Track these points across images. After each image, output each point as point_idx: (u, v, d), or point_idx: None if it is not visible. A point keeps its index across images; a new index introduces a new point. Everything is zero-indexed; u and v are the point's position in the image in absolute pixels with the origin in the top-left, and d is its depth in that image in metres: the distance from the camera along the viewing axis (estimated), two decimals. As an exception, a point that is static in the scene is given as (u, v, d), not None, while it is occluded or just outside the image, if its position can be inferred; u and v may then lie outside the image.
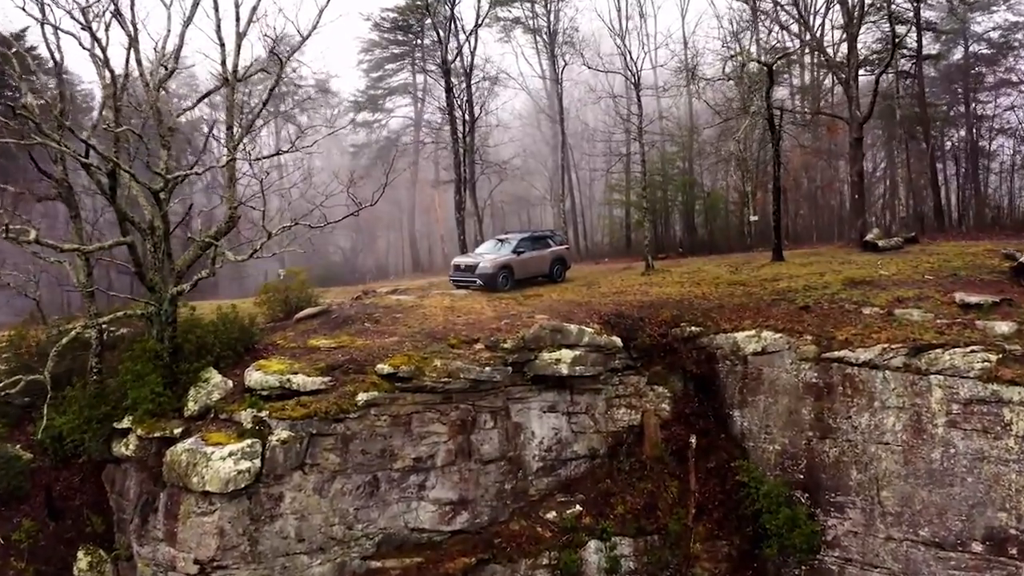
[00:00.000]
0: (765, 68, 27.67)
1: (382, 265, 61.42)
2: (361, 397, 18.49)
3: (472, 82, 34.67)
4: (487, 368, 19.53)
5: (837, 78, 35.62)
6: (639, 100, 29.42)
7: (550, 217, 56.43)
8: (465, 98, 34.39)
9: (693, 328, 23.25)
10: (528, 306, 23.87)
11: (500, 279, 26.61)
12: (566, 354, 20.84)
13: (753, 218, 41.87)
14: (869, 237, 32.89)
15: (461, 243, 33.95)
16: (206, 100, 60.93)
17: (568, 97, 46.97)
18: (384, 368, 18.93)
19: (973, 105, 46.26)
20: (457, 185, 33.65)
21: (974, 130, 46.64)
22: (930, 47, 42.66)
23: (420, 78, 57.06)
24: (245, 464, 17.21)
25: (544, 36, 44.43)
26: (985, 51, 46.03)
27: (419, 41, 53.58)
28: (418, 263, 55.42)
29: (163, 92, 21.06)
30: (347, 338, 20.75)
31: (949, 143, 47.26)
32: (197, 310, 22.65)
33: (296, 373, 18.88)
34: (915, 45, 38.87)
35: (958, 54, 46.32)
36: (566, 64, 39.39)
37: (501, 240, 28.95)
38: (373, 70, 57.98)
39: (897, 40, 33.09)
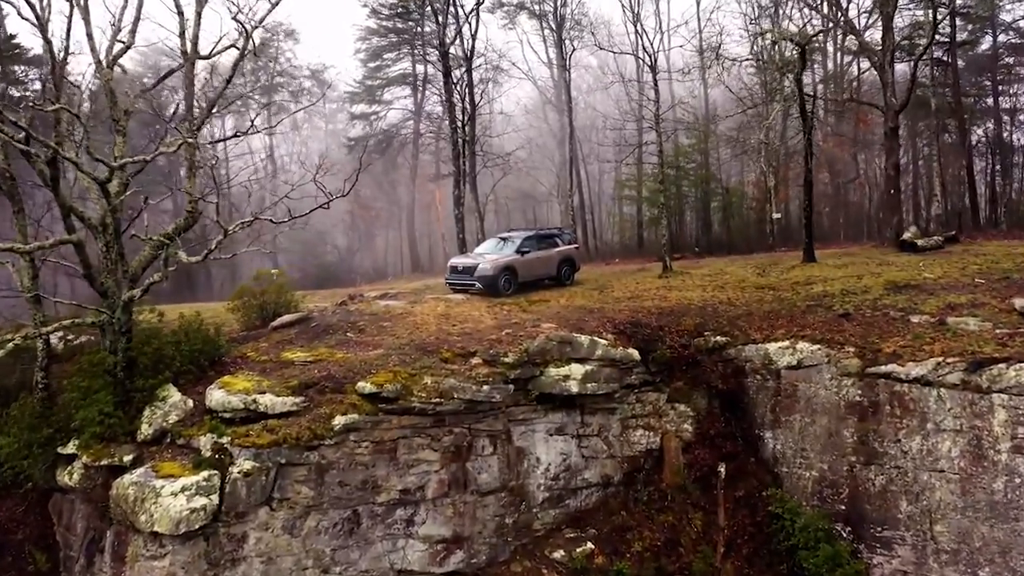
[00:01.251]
0: (797, 48, 25.18)
1: (380, 265, 59.17)
2: (339, 421, 16.16)
3: (473, 67, 32.19)
4: (485, 386, 17.17)
5: (870, 63, 33.11)
6: (656, 84, 27.00)
7: (557, 214, 54.10)
8: (465, 83, 31.90)
9: (718, 338, 21.09)
10: (533, 313, 21.52)
11: (501, 282, 24.26)
12: (576, 369, 18.48)
13: (776, 216, 39.48)
14: (906, 236, 30.54)
15: (460, 242, 31.60)
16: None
17: (576, 88, 44.70)
18: (366, 387, 16.59)
19: (1001, 97, 44.15)
20: (456, 179, 31.29)
21: (1003, 123, 44.41)
22: (959, 34, 40.32)
23: (420, 68, 54.80)
24: (200, 501, 14.88)
25: (551, 21, 42.01)
26: (1016, 40, 43.72)
27: (419, 29, 51.25)
28: (417, 263, 53.11)
29: (119, 71, 18.73)
30: (325, 350, 18.43)
31: (975, 137, 44.93)
32: (171, 315, 20.57)
33: (264, 392, 16.56)
34: (948, 31, 36.62)
35: (986, 44, 44.07)
36: (574, 49, 36.99)
37: (503, 239, 26.60)
38: (371, 60, 55.73)
39: (937, 21, 30.60)
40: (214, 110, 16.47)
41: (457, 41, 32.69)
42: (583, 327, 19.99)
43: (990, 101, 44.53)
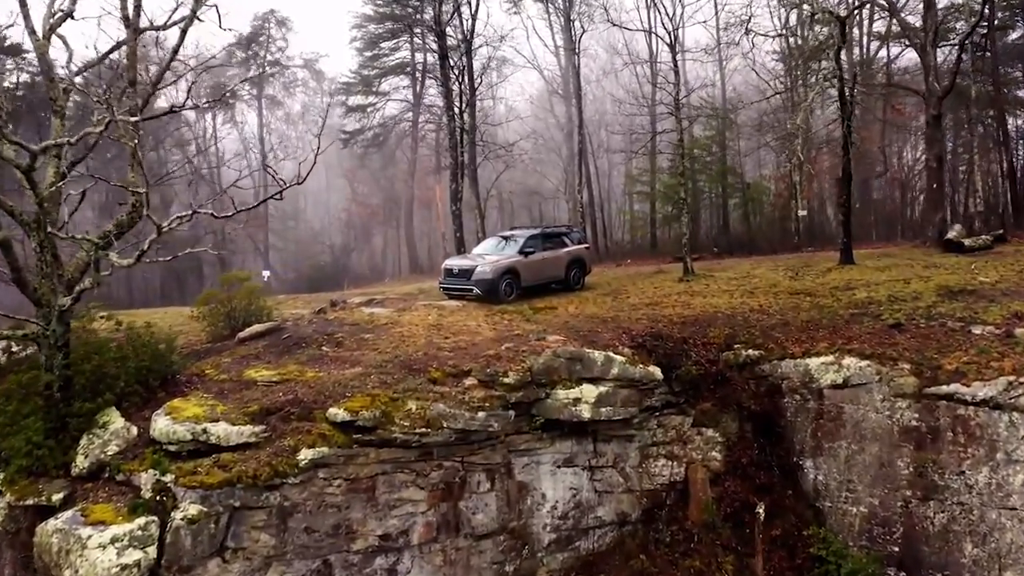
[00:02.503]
0: (836, 23, 22.60)
1: (376, 266, 56.79)
2: (305, 455, 13.70)
3: (472, 48, 29.60)
4: (481, 413, 14.67)
5: (911, 44, 30.52)
6: (676, 65, 24.44)
7: (564, 212, 51.65)
8: (463, 67, 29.30)
9: (751, 352, 18.73)
10: (538, 323, 19.04)
11: (502, 287, 21.81)
12: (588, 391, 15.97)
13: (801, 213, 36.96)
14: (951, 235, 28.07)
15: (457, 241, 29.14)
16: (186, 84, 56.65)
17: (584, 79, 42.00)
18: (338, 414, 14.12)
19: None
20: (453, 171, 28.77)
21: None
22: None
23: (419, 57, 52.42)
24: (133, 556, 12.45)
25: (558, 2, 39.48)
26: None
27: (418, 15, 48.82)
28: (416, 264, 50.70)
29: (59, 44, 16.29)
30: (295, 368, 15.97)
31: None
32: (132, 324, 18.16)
33: (217, 420, 14.09)
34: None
35: (1019, 31, 41.43)
36: (584, 31, 34.42)
37: (505, 238, 24.13)
38: (367, 48, 53.32)
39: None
40: (160, 85, 14.01)
41: (455, 21, 30.14)
42: (596, 340, 17.50)
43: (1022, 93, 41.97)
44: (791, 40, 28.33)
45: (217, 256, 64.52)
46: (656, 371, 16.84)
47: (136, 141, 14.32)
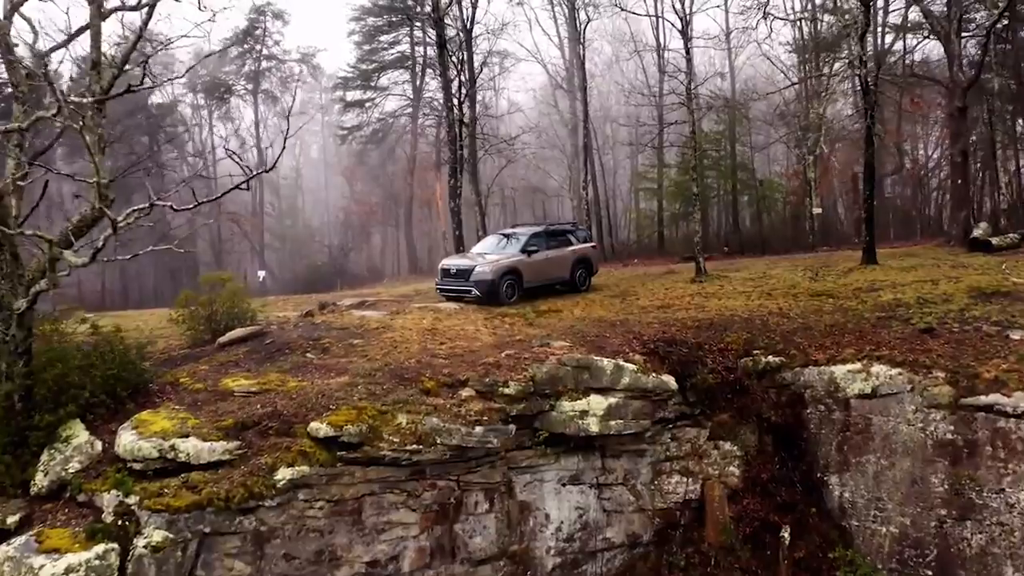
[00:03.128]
0: (860, 5, 21.28)
1: (375, 267, 55.56)
2: (283, 474, 12.47)
3: (472, 36, 28.29)
4: (478, 428, 13.41)
5: (933, 33, 29.19)
6: (688, 51, 23.15)
7: (568, 210, 50.43)
8: (463, 55, 27.95)
9: (771, 358, 17.54)
10: (541, 327, 17.80)
11: (503, 289, 20.57)
12: (597, 403, 14.71)
13: (816, 211, 35.67)
14: (977, 233, 26.80)
15: (456, 239, 27.88)
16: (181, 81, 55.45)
17: (588, 74, 40.57)
18: (321, 428, 12.88)
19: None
20: (452, 165, 27.51)
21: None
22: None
23: (419, 51, 51.16)
24: (89, 589, 11.22)
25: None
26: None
27: (418, 7, 47.60)
28: (415, 264, 49.46)
29: (24, 25, 15.10)
30: (276, 376, 14.74)
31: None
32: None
33: (187, 435, 12.86)
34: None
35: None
36: (589, 20, 33.15)
37: (506, 236, 22.87)
38: (365, 41, 52.10)
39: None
40: (126, 67, 12.78)
41: (454, 10, 28.83)
42: (604, 346, 16.24)
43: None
44: (808, 26, 27.14)
45: (213, 255, 64.04)
46: (670, 380, 15.57)
47: (100, 129, 13.10)
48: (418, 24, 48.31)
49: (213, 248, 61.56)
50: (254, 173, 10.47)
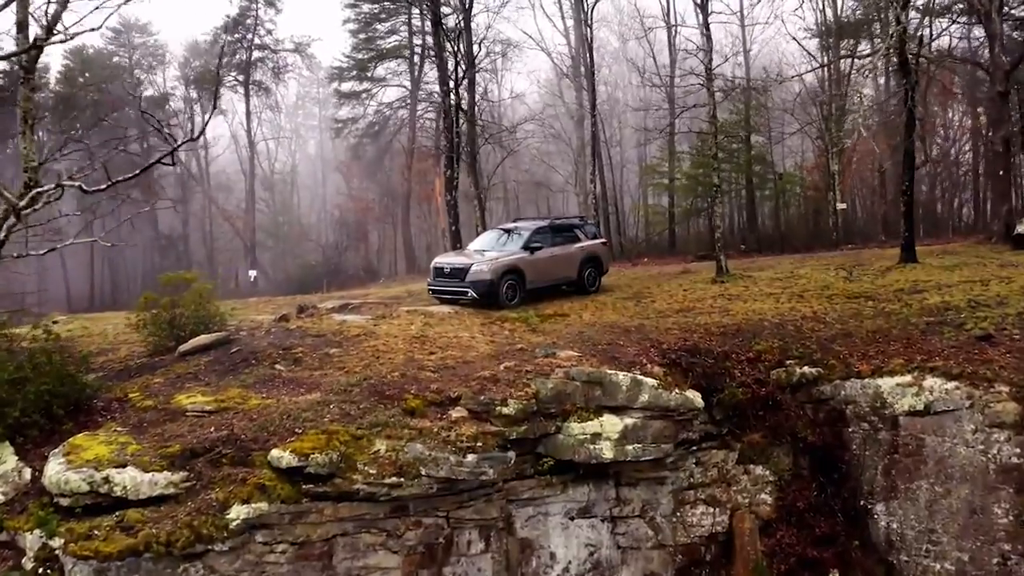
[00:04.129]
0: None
1: (371, 266, 53.62)
2: (237, 512, 10.53)
3: (471, 14, 26.27)
4: (471, 456, 11.41)
5: (974, 12, 27.15)
6: (707, 27, 21.11)
7: (574, 206, 48.48)
8: (461, 29, 25.80)
9: (807, 369, 15.65)
10: (545, 334, 15.84)
11: (503, 290, 18.63)
12: (611, 424, 12.72)
13: (840, 206, 33.69)
14: (1021, 229, 24.75)
15: (453, 235, 25.94)
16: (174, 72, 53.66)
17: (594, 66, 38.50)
18: (283, 457, 10.93)
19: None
20: (449, 155, 25.49)
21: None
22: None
23: (417, 40, 49.18)
24: (-7, 657, 9.30)
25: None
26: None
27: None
28: (413, 264, 47.46)
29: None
30: (237, 392, 12.80)
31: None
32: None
33: (125, 465, 10.94)
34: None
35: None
36: (596, 1, 31.11)
37: (507, 231, 20.89)
38: (361, 30, 50.16)
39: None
40: (56, 27, 10.81)
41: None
42: (618, 356, 14.27)
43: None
44: (831, 7, 25.31)
45: (206, 253, 62.18)
46: (696, 397, 13.58)
47: (28, 103, 11.21)
48: (416, 11, 46.36)
49: (205, 246, 59.79)
50: (179, 143, 8.56)
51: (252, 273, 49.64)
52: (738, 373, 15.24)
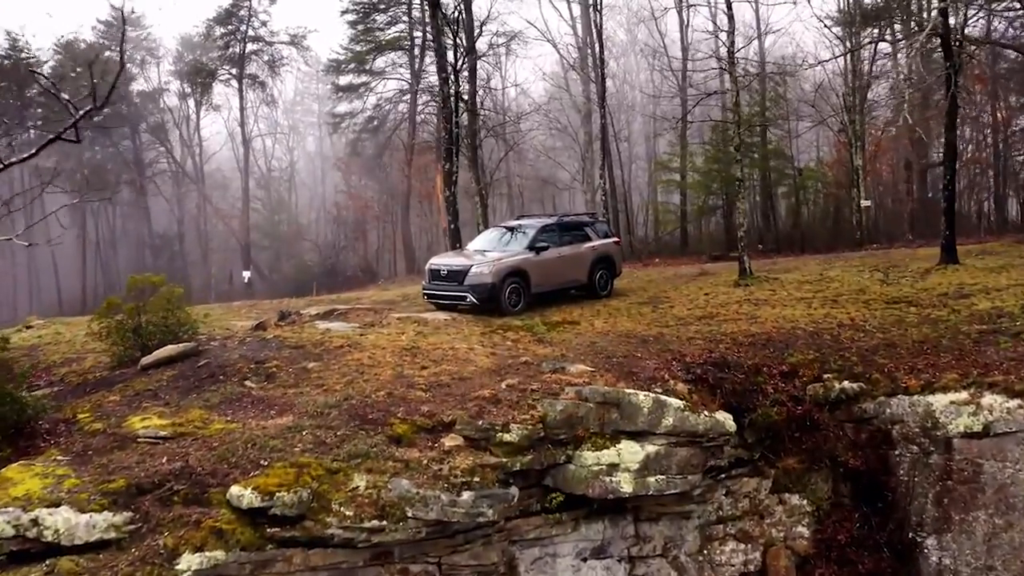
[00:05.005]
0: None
1: (370, 266, 51.99)
2: (189, 561, 8.93)
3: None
4: (466, 494, 9.74)
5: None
6: (729, 8, 19.44)
7: (581, 205, 46.82)
8: (461, 10, 24.04)
9: (847, 384, 14.11)
10: (554, 345, 14.22)
11: (506, 294, 16.97)
12: (630, 453, 11.06)
13: (864, 203, 32.00)
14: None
15: (452, 233, 24.26)
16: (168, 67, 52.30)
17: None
18: (244, 495, 9.32)
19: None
20: (447, 148, 23.80)
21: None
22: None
23: (417, 33, 47.50)
24: None
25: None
26: None
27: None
28: (413, 264, 45.82)
29: None
30: (198, 414, 11.20)
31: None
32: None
33: (59, 504, 9.34)
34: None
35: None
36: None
37: (510, 229, 19.21)
38: (360, 21, 48.53)
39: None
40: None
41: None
42: (637, 371, 12.63)
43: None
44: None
45: (200, 254, 60.69)
46: (727, 420, 11.93)
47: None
48: (416, 0, 44.84)
49: (200, 246, 58.30)
50: (81, 113, 6.97)
51: (246, 274, 48.10)
52: (771, 389, 13.66)
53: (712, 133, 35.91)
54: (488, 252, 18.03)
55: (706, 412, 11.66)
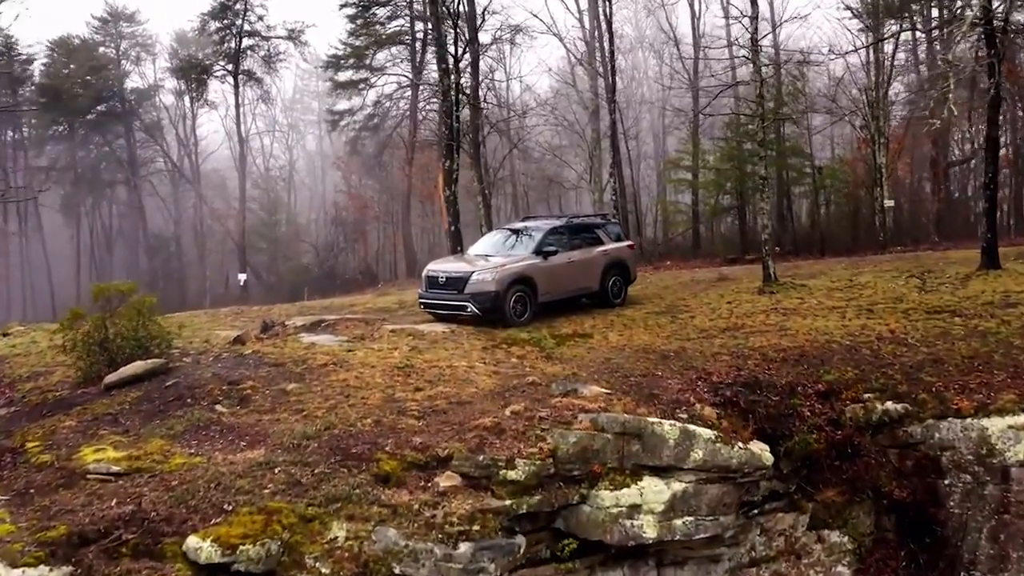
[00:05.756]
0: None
1: (369, 269, 50.65)
2: (136, 629, 7.58)
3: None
4: (464, 546, 8.34)
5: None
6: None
7: (588, 205, 45.38)
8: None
9: (889, 406, 12.80)
10: (564, 362, 12.86)
11: (510, 304, 15.57)
12: (654, 491, 9.68)
13: (887, 203, 30.60)
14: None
15: (453, 235, 22.88)
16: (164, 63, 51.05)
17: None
18: (202, 548, 7.98)
19: None
20: (448, 144, 22.38)
21: None
22: None
23: (419, 26, 46.16)
24: None
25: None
26: None
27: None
28: (414, 267, 44.41)
29: None
30: (159, 444, 9.88)
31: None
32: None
33: (-15, 558, 8.01)
34: None
35: None
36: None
37: (515, 232, 17.81)
38: (359, 14, 47.16)
39: None
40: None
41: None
42: (658, 394, 11.28)
43: None
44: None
45: (198, 255, 59.42)
46: (764, 452, 10.56)
47: None
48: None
49: (198, 247, 57.10)
50: None
51: (242, 277, 46.81)
52: (807, 412, 12.30)
53: (727, 129, 34.53)
54: (491, 257, 16.61)
55: (740, 444, 10.29)
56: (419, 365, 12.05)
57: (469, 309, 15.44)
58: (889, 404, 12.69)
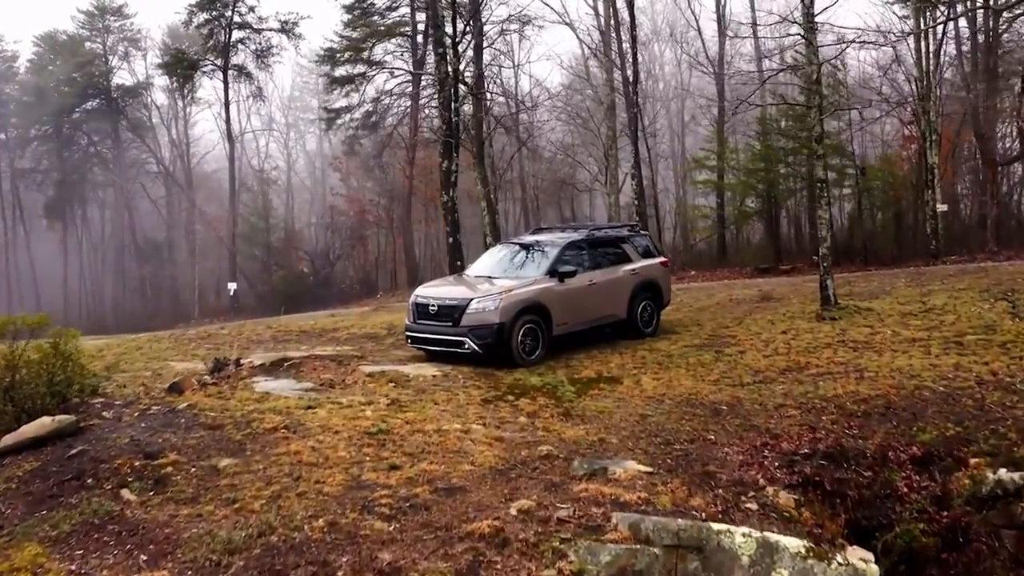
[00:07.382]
0: None
1: (368, 278, 48.08)
2: None
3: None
4: None
5: None
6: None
7: (602, 208, 42.71)
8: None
9: (1003, 475, 10.20)
10: (586, 421, 10.13)
11: (518, 339, 12.89)
12: (720, 636, 6.97)
13: (940, 208, 27.80)
14: None
15: (452, 248, 20.14)
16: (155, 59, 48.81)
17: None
18: None
19: None
20: (446, 141, 19.64)
21: None
22: None
23: (420, 17, 43.64)
24: None
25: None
26: None
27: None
28: (414, 275, 41.81)
29: None
30: (31, 555, 7.24)
31: None
32: None
33: None
34: None
35: None
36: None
37: (525, 247, 15.05)
38: (356, 5, 44.72)
39: None
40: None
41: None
42: (713, 470, 8.56)
43: None
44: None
45: (191, 264, 56.95)
46: (869, 566, 7.73)
47: None
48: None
49: (191, 255, 54.74)
50: None
51: (232, 286, 44.32)
52: (905, 488, 9.58)
53: (759, 124, 31.84)
54: (495, 279, 13.84)
55: (840, 558, 7.52)
56: (397, 429, 9.34)
57: (467, 345, 12.70)
58: (1003, 472, 9.92)
